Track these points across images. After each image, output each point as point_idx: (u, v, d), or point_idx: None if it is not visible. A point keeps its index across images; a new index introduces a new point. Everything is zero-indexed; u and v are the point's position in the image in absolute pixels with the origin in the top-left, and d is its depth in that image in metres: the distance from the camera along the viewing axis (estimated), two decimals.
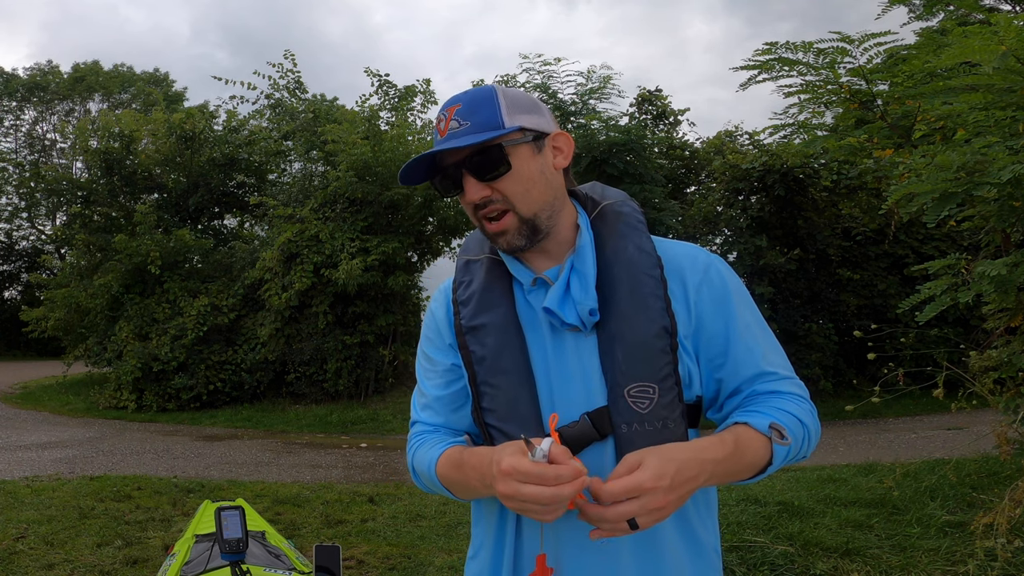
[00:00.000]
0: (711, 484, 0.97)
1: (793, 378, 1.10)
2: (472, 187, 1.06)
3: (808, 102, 4.68)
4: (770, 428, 1.00)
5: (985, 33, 2.86)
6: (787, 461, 1.03)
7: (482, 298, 1.11)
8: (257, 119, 13.62)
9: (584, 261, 1.08)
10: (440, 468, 1.07)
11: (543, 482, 0.85)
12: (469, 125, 1.05)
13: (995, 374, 3.90)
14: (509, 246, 1.08)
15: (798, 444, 1.02)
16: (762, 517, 4.22)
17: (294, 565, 2.14)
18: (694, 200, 11.58)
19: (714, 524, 1.12)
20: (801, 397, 1.08)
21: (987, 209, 3.36)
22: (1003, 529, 3.23)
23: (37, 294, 18.40)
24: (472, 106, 1.06)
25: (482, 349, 1.08)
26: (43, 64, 28.29)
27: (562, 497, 0.85)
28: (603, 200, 1.18)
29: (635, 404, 1.01)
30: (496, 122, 1.05)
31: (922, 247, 10.19)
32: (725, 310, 1.09)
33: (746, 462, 0.98)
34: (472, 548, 1.19)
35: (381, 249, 10.35)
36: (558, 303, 1.05)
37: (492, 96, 1.07)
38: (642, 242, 1.10)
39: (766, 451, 1.00)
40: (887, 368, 4.46)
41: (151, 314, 11.47)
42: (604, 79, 10.95)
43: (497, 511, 1.11)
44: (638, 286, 1.06)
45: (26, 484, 5.89)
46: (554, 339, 1.07)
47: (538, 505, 0.86)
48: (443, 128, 1.07)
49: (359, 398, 11.01)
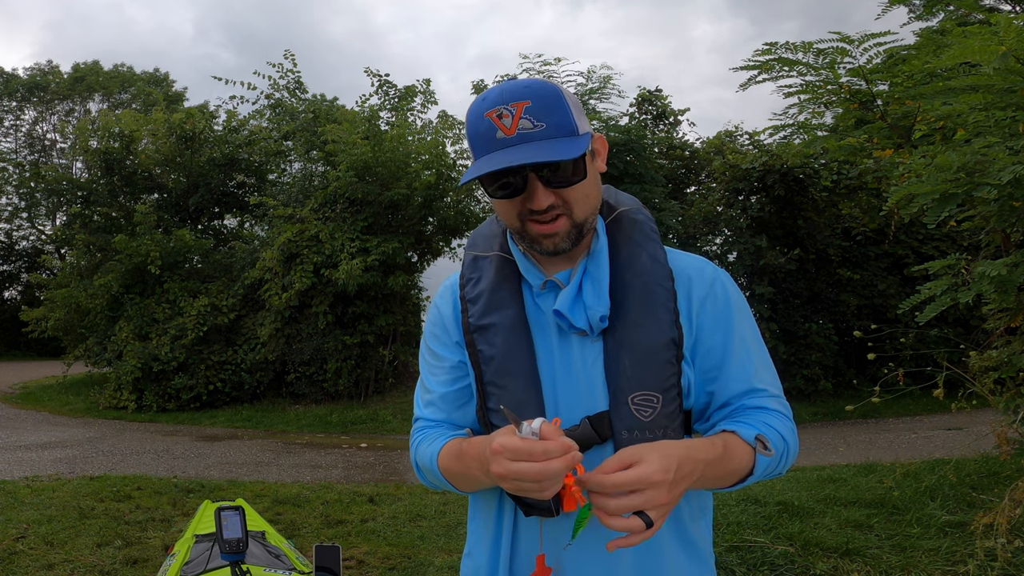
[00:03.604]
0: (697, 487, 0.96)
1: (780, 397, 1.11)
2: (542, 195, 1.00)
3: (808, 102, 4.68)
4: (756, 439, 1.00)
5: (985, 33, 2.86)
6: (764, 475, 1.03)
7: (491, 297, 1.10)
8: (257, 119, 13.62)
9: (599, 266, 1.07)
10: (442, 460, 1.07)
11: (532, 458, 0.83)
12: (545, 127, 0.98)
13: (995, 374, 3.91)
14: (556, 248, 1.04)
15: (777, 459, 1.03)
16: (762, 517, 4.22)
17: (294, 565, 2.13)
18: (694, 200, 11.58)
19: (708, 527, 1.13)
20: (786, 416, 1.09)
21: (987, 209, 3.36)
22: (1003, 529, 3.23)
23: (37, 294, 18.41)
24: (544, 105, 0.98)
25: (490, 349, 1.07)
26: (43, 64, 28.34)
27: (552, 471, 0.83)
28: (618, 206, 1.16)
29: (638, 412, 1.01)
30: (571, 126, 1.00)
31: (922, 247, 10.19)
32: (726, 325, 1.09)
33: (731, 468, 0.99)
34: (468, 545, 1.19)
35: (381, 249, 10.35)
36: (569, 307, 1.04)
37: (560, 96, 1.01)
38: (656, 252, 1.10)
39: (749, 460, 1.00)
40: (887, 368, 4.46)
41: (151, 314, 11.47)
42: (604, 79, 10.96)
43: (495, 507, 1.11)
44: (650, 296, 1.05)
45: (26, 484, 5.89)
46: (561, 342, 1.07)
47: (530, 482, 0.84)
48: (510, 126, 0.98)
49: (359, 398, 11.01)
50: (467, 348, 1.10)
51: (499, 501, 1.10)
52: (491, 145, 0.99)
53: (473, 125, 1.03)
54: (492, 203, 1.10)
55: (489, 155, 0.99)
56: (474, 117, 1.03)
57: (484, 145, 1.01)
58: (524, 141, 0.97)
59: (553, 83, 1.02)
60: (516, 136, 0.98)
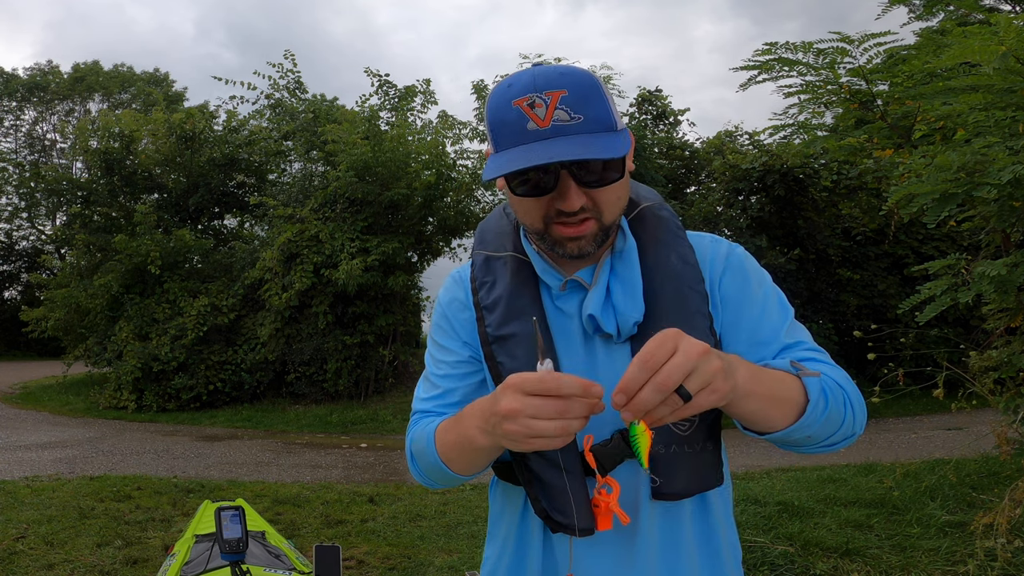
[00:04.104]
0: (752, 395, 0.82)
1: (821, 351, 1.00)
2: (574, 195, 0.90)
3: (808, 102, 4.68)
4: (791, 364, 0.91)
5: (985, 33, 2.86)
6: (828, 419, 0.88)
7: (510, 304, 1.01)
8: (257, 119, 13.63)
9: (630, 268, 0.99)
10: (439, 434, 0.97)
11: (547, 391, 0.74)
12: (583, 120, 0.88)
13: (995, 374, 3.90)
14: (581, 251, 0.95)
15: (839, 402, 0.90)
16: (762, 517, 4.22)
17: (294, 565, 2.13)
18: (694, 200, 11.58)
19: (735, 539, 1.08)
20: (832, 365, 0.98)
21: (987, 209, 3.36)
22: (1003, 529, 3.23)
23: (37, 294, 18.41)
24: (581, 96, 0.88)
25: (512, 362, 0.98)
26: (43, 64, 28.35)
27: (570, 411, 0.74)
28: (640, 201, 1.08)
29: (675, 427, 0.94)
30: (610, 120, 0.90)
31: (922, 247, 10.19)
32: (747, 291, 1.03)
33: (781, 386, 0.86)
34: (487, 568, 1.10)
35: (381, 249, 10.35)
36: (600, 310, 0.97)
37: (598, 86, 0.90)
38: (685, 253, 1.02)
39: (797, 384, 0.88)
40: (887, 368, 4.46)
41: (151, 314, 11.47)
42: (604, 79, 10.95)
43: (517, 524, 1.05)
44: (684, 301, 0.98)
45: (26, 484, 5.89)
46: (586, 347, 0.99)
47: (544, 421, 0.75)
48: (544, 116, 0.87)
49: (359, 398, 11.01)
50: (486, 360, 1.02)
51: (521, 520, 1.04)
52: (522, 137, 0.89)
53: (498, 113, 0.91)
54: (511, 201, 0.99)
55: (520, 147, 0.88)
56: (499, 104, 0.91)
57: (513, 136, 0.89)
58: (560, 134, 0.87)
59: (590, 72, 0.91)
60: (551, 128, 0.87)
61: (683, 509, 0.99)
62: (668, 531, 0.98)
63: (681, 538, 0.99)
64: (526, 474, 0.98)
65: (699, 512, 1.01)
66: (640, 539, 0.96)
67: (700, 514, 1.01)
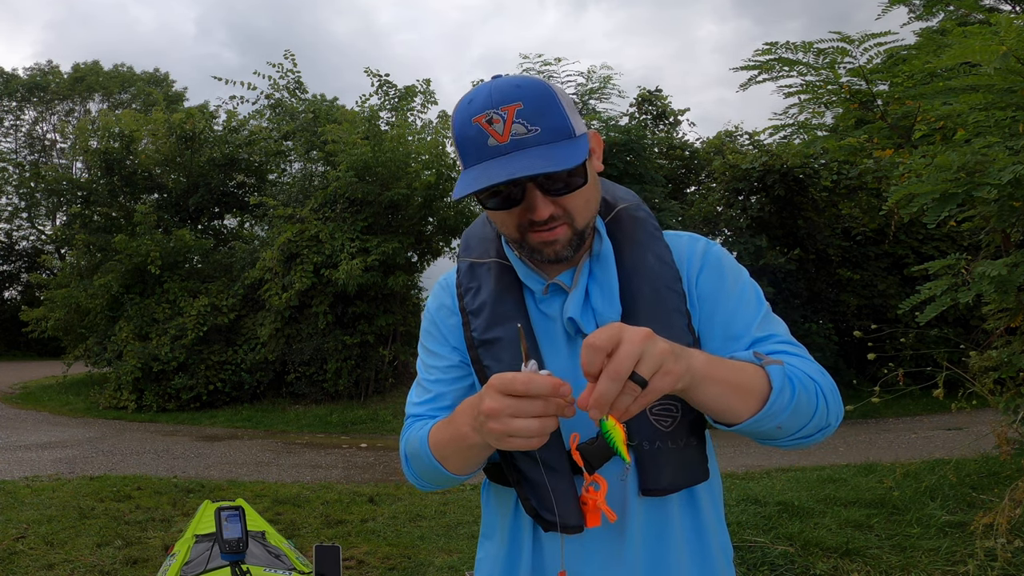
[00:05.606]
0: (711, 380, 0.83)
1: (795, 344, 1.00)
2: (542, 205, 0.93)
3: (808, 102, 4.68)
4: (753, 354, 0.92)
5: (985, 33, 2.86)
6: (796, 408, 0.88)
7: (495, 309, 1.04)
8: (257, 119, 13.63)
9: (606, 270, 1.02)
10: (432, 435, 0.99)
11: (517, 392, 0.78)
12: (540, 131, 0.90)
13: (995, 374, 3.91)
14: (558, 256, 0.98)
15: (809, 396, 0.90)
16: (762, 517, 4.22)
17: (294, 565, 2.13)
18: (694, 200, 11.59)
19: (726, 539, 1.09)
20: (804, 358, 0.98)
21: (987, 209, 3.36)
22: (1003, 529, 3.23)
23: (37, 294, 18.41)
24: (537, 107, 0.91)
25: (498, 365, 1.01)
26: (43, 64, 28.35)
27: (546, 411, 0.78)
28: (617, 202, 1.10)
29: (658, 422, 0.97)
30: (567, 128, 0.92)
31: (922, 247, 10.20)
32: (721, 287, 1.04)
33: (741, 375, 0.87)
34: (480, 569, 1.12)
35: (381, 249, 10.35)
36: (580, 312, 0.99)
37: (552, 95, 0.93)
38: (662, 252, 1.05)
39: (760, 374, 0.88)
40: (887, 368, 4.46)
41: (151, 314, 11.47)
42: (604, 79, 10.96)
43: (509, 525, 1.07)
44: (661, 300, 1.00)
45: (26, 484, 5.89)
46: (570, 349, 1.01)
47: (522, 420, 0.78)
48: (502, 132, 0.90)
49: (359, 398, 11.01)
50: (473, 364, 1.05)
51: (513, 518, 1.06)
52: (483, 153, 0.92)
53: (461, 130, 0.94)
54: (488, 213, 1.03)
55: (482, 164, 0.92)
56: (461, 122, 0.94)
57: (475, 153, 0.93)
58: (519, 148, 0.90)
59: (543, 80, 0.95)
60: (510, 143, 0.90)
61: (671, 505, 1.00)
62: (656, 528, 1.00)
63: (670, 534, 1.00)
64: (515, 474, 1.00)
65: (687, 509, 1.03)
66: (628, 536, 0.98)
67: (688, 511, 1.03)
